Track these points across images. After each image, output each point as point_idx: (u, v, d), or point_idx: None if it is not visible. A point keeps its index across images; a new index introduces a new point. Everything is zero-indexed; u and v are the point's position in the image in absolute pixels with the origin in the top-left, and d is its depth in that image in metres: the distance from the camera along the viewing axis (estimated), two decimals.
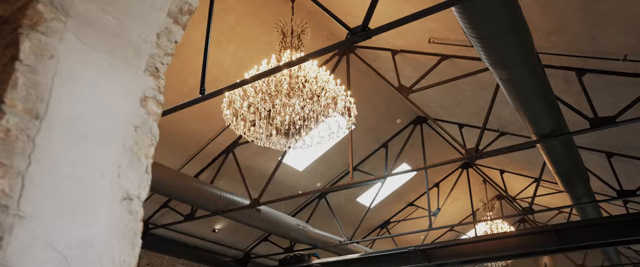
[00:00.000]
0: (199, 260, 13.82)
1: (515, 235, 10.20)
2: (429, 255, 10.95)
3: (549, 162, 8.38)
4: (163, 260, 12.98)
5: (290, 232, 12.19)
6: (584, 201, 10.19)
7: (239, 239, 14.28)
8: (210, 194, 10.30)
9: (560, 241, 9.75)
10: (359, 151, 13.06)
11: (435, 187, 15.98)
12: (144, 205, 6.09)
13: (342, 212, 14.48)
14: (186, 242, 13.42)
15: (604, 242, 9.78)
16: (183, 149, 10.93)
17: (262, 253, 14.78)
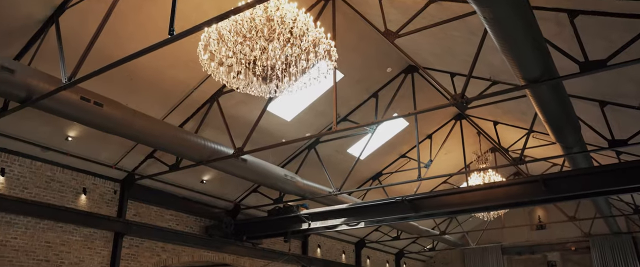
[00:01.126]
0: (187, 211, 13.79)
1: (503, 185, 10.08)
2: (417, 205, 10.86)
3: (538, 110, 8.13)
4: (151, 211, 12.92)
5: (278, 182, 12.07)
6: (575, 151, 10.00)
7: (228, 190, 14.20)
8: (194, 143, 10.10)
9: (548, 191, 9.62)
10: (349, 101, 12.80)
11: (427, 139, 15.80)
12: (129, 156, 5.89)
13: (333, 163, 14.33)
14: (174, 193, 13.34)
15: (593, 192, 9.67)
16: (166, 98, 10.66)
17: (252, 204, 14.73)
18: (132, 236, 12.24)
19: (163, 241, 12.94)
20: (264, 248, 15.50)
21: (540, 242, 23.19)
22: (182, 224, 13.63)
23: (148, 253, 12.60)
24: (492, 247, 23.85)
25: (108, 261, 11.66)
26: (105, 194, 11.90)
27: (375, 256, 22.16)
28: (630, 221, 20.73)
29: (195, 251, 13.75)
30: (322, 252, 18.70)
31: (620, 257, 20.99)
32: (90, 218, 11.38)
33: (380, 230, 20.21)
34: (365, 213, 11.84)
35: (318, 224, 12.53)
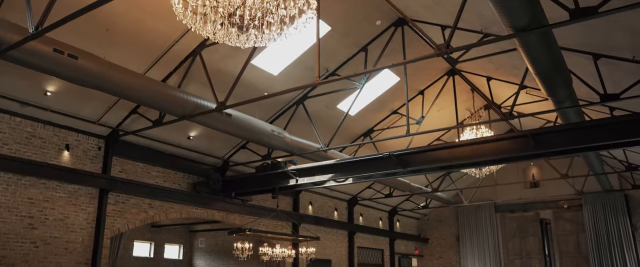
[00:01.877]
0: (175, 168, 13.65)
1: (492, 140, 9.88)
2: (404, 161, 10.70)
3: (527, 61, 7.83)
4: (137, 168, 12.77)
5: (265, 138, 11.86)
6: (567, 105, 9.75)
7: (216, 147, 14.03)
8: (176, 97, 9.82)
9: (538, 146, 9.44)
10: (337, 55, 12.46)
11: (419, 95, 15.52)
12: (111, 111, 5.51)
13: (322, 119, 14.11)
14: (161, 150, 13.16)
15: (584, 147, 9.48)
16: (147, 52, 10.32)
17: (241, 161, 14.59)
18: (118, 192, 12.13)
19: (150, 198, 12.85)
20: (254, 205, 15.46)
21: (534, 200, 23.28)
22: (170, 180, 13.51)
23: (135, 210, 12.52)
24: (486, 205, 23.95)
25: (94, 217, 11.58)
26: (89, 151, 11.71)
27: (368, 213, 22.24)
28: (622, 179, 20.72)
29: (183, 207, 13.70)
30: (313, 209, 18.72)
31: (611, 215, 21.11)
32: (74, 174, 11.23)
33: (373, 187, 20.18)
34: (352, 169, 11.69)
35: (305, 180, 12.41)
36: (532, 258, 23.19)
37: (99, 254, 11.40)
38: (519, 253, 23.46)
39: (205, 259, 20.26)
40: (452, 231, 25.28)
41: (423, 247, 26.08)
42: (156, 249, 19.25)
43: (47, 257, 10.60)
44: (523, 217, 23.73)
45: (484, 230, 23.97)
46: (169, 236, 19.86)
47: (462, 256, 24.46)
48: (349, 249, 20.39)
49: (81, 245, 11.26)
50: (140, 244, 18.77)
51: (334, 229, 19.61)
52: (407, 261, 25.40)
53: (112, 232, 11.91)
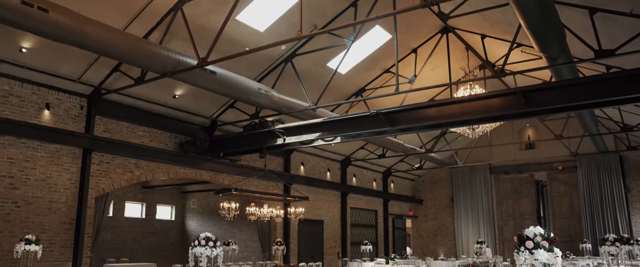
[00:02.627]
0: (161, 127, 13.41)
1: (481, 97, 9.60)
2: (392, 119, 10.44)
3: (518, 14, 7.48)
4: (121, 127, 12.52)
5: (252, 96, 11.56)
6: (560, 62, 9.42)
7: (204, 106, 13.75)
8: (156, 54, 9.46)
9: (528, 104, 9.16)
10: (326, 11, 12.04)
11: (412, 54, 15.14)
12: (92, 69, 5.08)
13: (312, 77, 13.77)
14: (146, 109, 12.89)
15: (576, 105, 9.21)
16: (126, 7, 9.91)
17: (229, 120, 14.33)
18: (102, 152, 11.93)
19: (136, 158, 12.67)
20: (243, 165, 15.30)
21: (528, 161, 23.16)
22: (156, 140, 13.29)
23: (120, 170, 12.34)
24: (480, 166, 23.86)
25: (77, 177, 11.41)
26: (70, 110, 11.44)
27: (362, 174, 22.16)
28: (618, 140, 20.53)
29: (171, 167, 13.53)
30: (305, 170, 18.60)
31: (605, 176, 21.03)
32: (56, 134, 10.99)
33: (366, 148, 20.01)
34: (340, 127, 11.44)
35: (293, 139, 12.18)
36: (525, 219, 23.23)
37: (83, 214, 11.29)
38: (512, 214, 23.52)
39: (197, 220, 20.29)
40: (446, 192, 25.29)
41: (417, 209, 26.15)
42: (148, 209, 19.24)
43: (30, 217, 10.48)
44: (517, 178, 23.67)
45: (478, 191, 23.97)
46: (161, 197, 19.83)
47: (456, 217, 24.54)
48: (342, 210, 20.38)
49: (65, 205, 11.12)
50: (132, 205, 18.74)
51: (326, 189, 19.54)
52: (401, 221, 25.51)
53: (96, 192, 11.76)
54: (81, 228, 11.20)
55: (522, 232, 4.21)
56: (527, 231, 4.18)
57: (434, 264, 17.46)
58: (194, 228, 20.40)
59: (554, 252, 3.93)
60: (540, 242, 4.04)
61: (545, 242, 4.02)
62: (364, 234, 22.04)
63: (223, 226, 18.95)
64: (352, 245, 20.73)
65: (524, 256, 4.06)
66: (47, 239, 10.72)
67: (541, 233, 4.10)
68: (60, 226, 10.99)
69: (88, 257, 11.40)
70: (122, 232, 17.93)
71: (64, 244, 11.04)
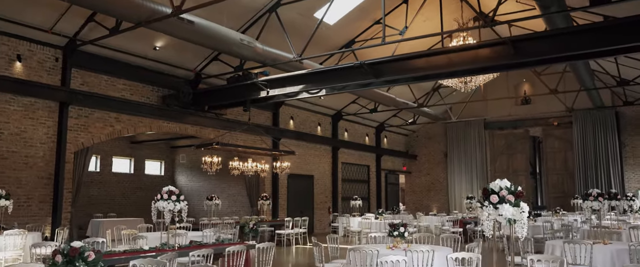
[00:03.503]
0: (142, 80, 13.01)
1: (469, 48, 9.17)
2: (377, 70, 10.04)
3: None
4: (100, 80, 12.12)
5: (234, 47, 11.09)
6: (553, 10, 8.95)
7: (187, 59, 13.29)
8: (129, 1, 8.97)
9: (518, 54, 8.74)
10: None
11: (403, 4, 14.54)
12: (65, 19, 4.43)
13: (298, 28, 13.21)
14: (126, 61, 12.47)
15: (567, 56, 8.80)
16: None
17: (214, 73, 13.90)
18: (80, 106, 11.58)
19: (116, 112, 12.33)
20: (229, 118, 14.97)
21: (524, 117, 22.83)
22: (137, 94, 12.92)
23: (100, 124, 12.02)
24: (475, 121, 23.55)
25: (54, 131, 11.10)
26: (44, 62, 11.01)
27: (354, 129, 21.88)
28: (614, 95, 20.14)
29: (153, 121, 13.21)
30: (295, 124, 18.30)
31: (600, 132, 20.77)
32: (29, 87, 10.62)
33: (357, 102, 19.62)
34: (324, 79, 11.05)
35: (276, 91, 11.81)
36: (518, 175, 23.14)
37: (61, 169, 11.04)
38: (506, 170, 23.38)
39: (186, 175, 20.15)
40: (440, 148, 25.09)
41: (411, 164, 26.02)
42: (136, 164, 19.05)
43: (5, 172, 10.23)
44: (512, 134, 23.43)
45: (472, 147, 23.77)
46: (150, 152, 19.62)
47: (450, 172, 24.44)
48: (333, 165, 20.21)
49: (42, 159, 10.87)
50: (120, 160, 18.53)
51: (317, 144, 19.30)
52: (394, 177, 25.43)
53: (75, 146, 11.48)
54: (60, 183, 10.98)
55: (487, 186, 3.91)
56: (493, 184, 3.88)
57: (423, 219, 17.41)
58: (183, 183, 20.28)
59: (519, 207, 3.64)
60: (506, 197, 3.75)
61: (511, 197, 3.73)
62: (356, 189, 21.97)
63: (212, 181, 18.81)
64: (344, 200, 20.68)
65: (488, 211, 3.78)
66: (25, 194, 10.53)
67: (507, 186, 3.80)
68: (37, 180, 10.76)
69: (69, 212, 11.23)
70: (110, 188, 17.80)
71: (43, 199, 10.84)
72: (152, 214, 6.42)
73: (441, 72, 9.91)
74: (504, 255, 7.35)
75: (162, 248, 6.55)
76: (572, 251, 6.28)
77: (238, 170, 13.73)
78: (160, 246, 6.70)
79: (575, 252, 6.25)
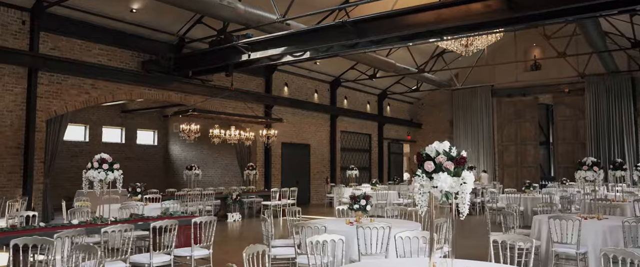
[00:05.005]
0: (120, 45, 12.34)
1: (459, 2, 8.28)
2: (361, 29, 9.23)
3: None
4: (74, 45, 11.47)
5: (213, 8, 10.27)
6: None
7: (167, 22, 12.55)
8: None
9: (512, 9, 7.87)
10: None
11: None
12: None
13: None
14: (102, 25, 11.81)
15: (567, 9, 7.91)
16: None
17: (197, 37, 13.16)
18: (51, 71, 10.97)
19: (92, 78, 11.72)
20: (216, 85, 14.25)
21: (533, 83, 21.74)
22: (116, 59, 12.27)
23: (74, 90, 11.43)
24: (482, 88, 22.56)
25: (23, 98, 10.53)
26: (10, 25, 10.37)
27: (354, 97, 21.09)
28: (631, 59, 19.01)
29: (133, 88, 12.59)
30: (290, 91, 17.57)
31: (614, 99, 19.71)
32: None
33: (356, 68, 18.74)
34: (307, 40, 10.27)
35: (258, 54, 11.06)
36: (527, 144, 22.27)
37: (31, 138, 10.50)
38: (513, 139, 22.51)
39: (180, 145, 19.62)
40: (446, 116, 24.19)
41: (416, 133, 25.23)
42: (128, 134, 18.55)
43: None
44: (521, 101, 22.43)
45: (478, 115, 22.83)
46: (142, 122, 19.08)
47: (456, 142, 23.55)
48: (331, 134, 19.53)
49: (10, 128, 10.33)
50: (110, 130, 18.04)
51: (313, 112, 18.57)
52: (398, 146, 24.70)
53: (48, 114, 10.92)
54: (30, 153, 10.46)
55: (421, 150, 3.19)
56: (428, 148, 3.17)
57: None
58: (177, 153, 19.80)
59: (460, 177, 2.93)
60: (443, 164, 3.02)
61: (450, 164, 3.01)
62: (357, 158, 21.33)
63: (205, 151, 18.28)
64: (343, 170, 20.02)
65: (421, 182, 3.07)
66: None
67: (445, 151, 3.08)
68: (5, 150, 10.26)
69: (41, 184, 10.74)
70: None
71: (12, 169, 10.36)
72: (83, 185, 5.84)
73: (431, 30, 9.05)
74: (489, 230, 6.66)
75: (93, 223, 5.97)
76: (557, 227, 5.56)
77: (219, 138, 13.11)
78: (93, 220, 6.11)
79: (562, 229, 5.53)
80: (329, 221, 6.19)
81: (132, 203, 8.35)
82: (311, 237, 3.85)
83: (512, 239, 3.91)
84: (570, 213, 8.50)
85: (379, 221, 5.25)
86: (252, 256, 3.40)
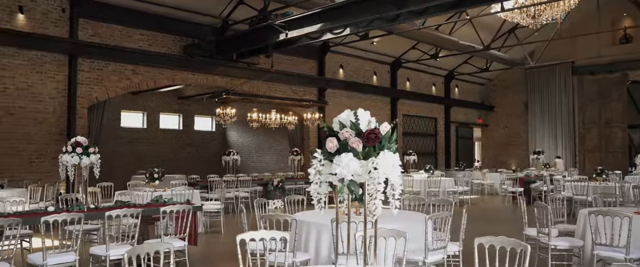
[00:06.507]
0: (162, 30, 12.16)
1: None
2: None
3: None
4: (114, 31, 11.39)
5: None
6: None
7: (210, 4, 12.17)
8: None
9: None
10: None
11: None
12: None
13: None
14: (142, 10, 11.63)
15: None
16: None
17: (240, 18, 12.70)
18: (92, 58, 10.94)
19: (133, 64, 11.62)
20: (262, 69, 13.73)
21: (622, 58, 19.35)
22: (157, 44, 12.10)
23: (115, 77, 11.37)
24: (560, 65, 20.48)
25: (64, 86, 10.57)
26: (50, 13, 10.40)
27: (418, 78, 19.92)
28: None
29: (176, 73, 12.39)
30: (345, 73, 16.77)
31: None
32: (33, 40, 10.08)
33: (418, 48, 17.55)
34: (343, 15, 9.44)
35: (295, 32, 10.40)
36: (612, 126, 20.01)
37: (72, 125, 10.54)
38: (596, 121, 20.28)
39: (237, 130, 19.44)
40: (520, 97, 22.32)
41: (487, 116, 23.56)
42: (185, 121, 18.62)
43: (13, 128, 9.88)
44: (606, 79, 20.11)
45: (557, 95, 20.81)
46: (199, 108, 19.06)
47: (531, 125, 21.73)
48: (392, 117, 18.53)
49: (53, 115, 10.42)
50: (167, 116, 18.17)
51: (372, 95, 17.67)
52: (467, 130, 23.21)
53: (89, 101, 10.94)
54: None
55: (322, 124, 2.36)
56: (335, 120, 2.33)
57: (489, 177, 15.50)
58: (234, 139, 19.68)
59: (372, 160, 2.06)
60: (349, 141, 2.17)
61: (357, 141, 2.15)
62: (421, 143, 20.22)
63: (260, 137, 17.99)
64: (406, 156, 19.01)
65: (317, 167, 2.24)
66: (36, 151, 10.19)
67: (353, 122, 2.24)
68: (48, 136, 10.36)
69: None
70: (157, 145, 17.50)
71: (55, 155, 10.28)
72: (60, 171, 5.48)
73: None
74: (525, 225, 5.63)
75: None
76: (600, 224, 4.45)
77: (257, 122, 12.62)
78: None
79: (606, 227, 4.42)
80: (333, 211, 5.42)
81: (133, 191, 8.01)
82: (242, 235, 3.14)
83: (502, 243, 2.96)
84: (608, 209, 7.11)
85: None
86: None
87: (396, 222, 4.70)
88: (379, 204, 2.16)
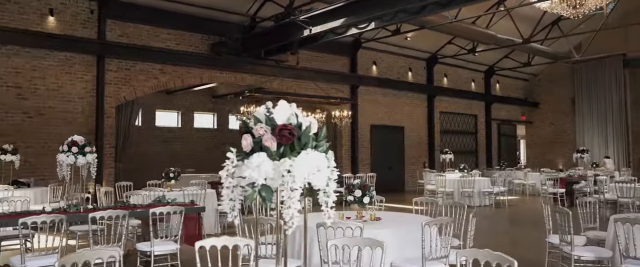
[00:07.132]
0: (189, 29, 12.16)
1: None
2: None
3: None
4: (141, 31, 11.47)
5: None
6: None
7: (238, 1, 12.07)
8: None
9: None
10: None
11: None
12: None
13: None
14: (169, 10, 11.66)
15: None
16: None
17: (267, 16, 12.55)
18: (119, 58, 11.05)
19: (160, 63, 11.67)
20: (290, 66, 13.54)
21: None
22: (185, 43, 12.11)
23: (142, 76, 11.45)
24: (610, 58, 19.30)
25: (93, 86, 10.71)
26: (79, 14, 10.57)
27: (456, 74, 19.27)
28: None
29: (204, 71, 12.38)
30: (379, 70, 16.38)
31: None
32: (63, 41, 10.27)
33: (454, 43, 16.95)
34: (366, 8, 9.08)
35: (319, 28, 10.15)
36: None
37: (101, 124, 10.66)
38: None
39: None
40: (567, 93, 21.25)
41: (532, 113, 22.58)
42: (219, 120, 18.65)
43: (43, 127, 10.08)
44: None
45: (606, 90, 19.66)
46: (234, 106, 19.06)
47: (578, 122, 20.63)
48: (428, 115, 18.01)
49: (82, 115, 10.58)
50: (202, 116, 18.25)
51: (407, 92, 17.21)
52: (510, 128, 22.32)
53: (117, 100, 11.05)
54: (100, 139, 10.62)
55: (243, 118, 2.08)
56: (257, 112, 2.01)
57: (530, 177, 14.79)
58: None
59: (284, 161, 1.74)
60: (263, 137, 1.86)
61: (271, 139, 1.84)
62: (461, 142, 19.59)
63: None
64: (442, 155, 18.41)
65: (228, 171, 1.94)
66: None
67: (268, 114, 1.93)
68: None
69: (111, 168, 10.89)
70: (192, 144, 17.59)
71: None
72: (57, 171, 5.41)
73: None
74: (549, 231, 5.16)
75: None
76: (628, 233, 3.97)
77: None
78: (62, 207, 5.45)
79: (633, 236, 3.93)
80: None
81: (142, 191, 7.94)
82: (201, 241, 2.88)
83: (486, 257, 2.56)
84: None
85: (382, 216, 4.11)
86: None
87: (396, 227, 4.40)
88: (294, 213, 1.88)
